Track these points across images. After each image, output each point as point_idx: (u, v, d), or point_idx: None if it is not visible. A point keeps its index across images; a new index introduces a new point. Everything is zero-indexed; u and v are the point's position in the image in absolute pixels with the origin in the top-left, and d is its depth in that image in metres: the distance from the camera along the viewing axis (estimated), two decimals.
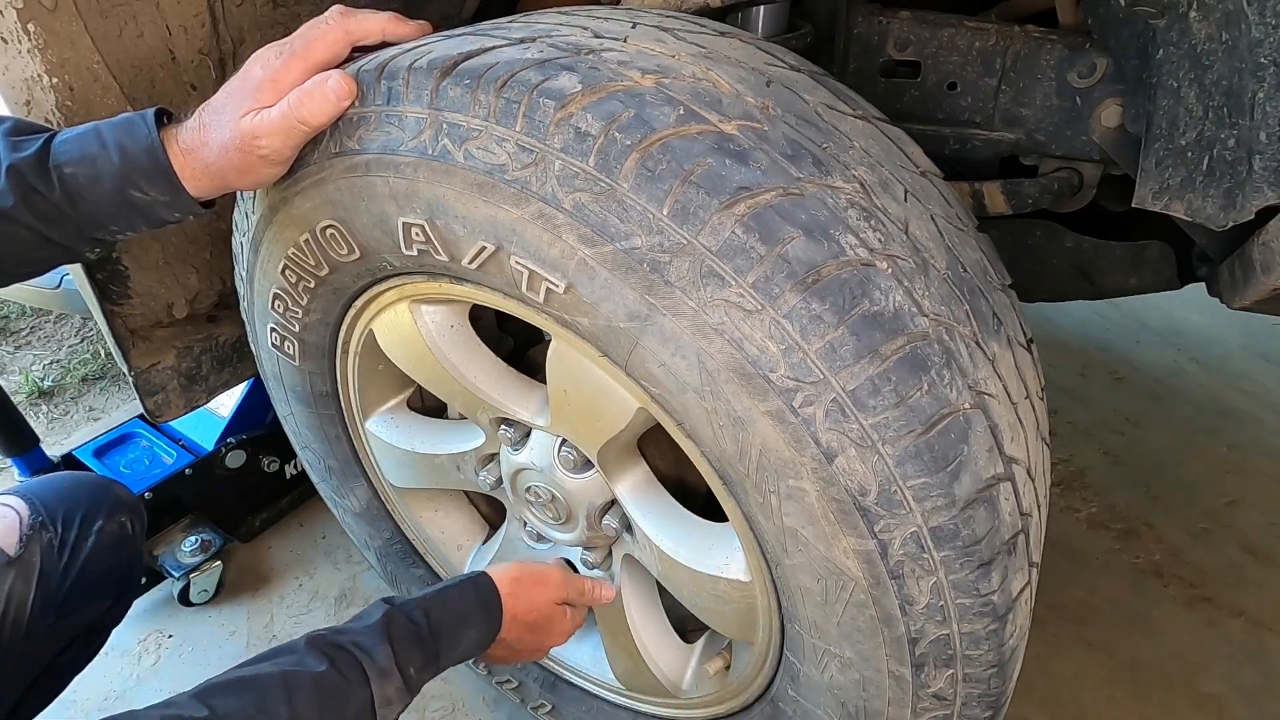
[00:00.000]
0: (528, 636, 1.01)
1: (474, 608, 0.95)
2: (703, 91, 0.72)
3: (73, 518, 1.06)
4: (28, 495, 1.05)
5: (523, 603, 1.00)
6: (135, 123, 0.78)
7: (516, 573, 1.01)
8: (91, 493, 1.10)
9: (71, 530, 1.05)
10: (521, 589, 1.00)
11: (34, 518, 1.02)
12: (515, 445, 1.06)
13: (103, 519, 1.09)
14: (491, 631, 0.97)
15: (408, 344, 1.01)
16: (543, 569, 1.04)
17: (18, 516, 1.01)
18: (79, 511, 1.07)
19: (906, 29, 1.08)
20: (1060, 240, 1.24)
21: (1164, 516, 1.88)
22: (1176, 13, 0.82)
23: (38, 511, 1.03)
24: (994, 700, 0.82)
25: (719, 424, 0.73)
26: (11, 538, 0.99)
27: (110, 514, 1.10)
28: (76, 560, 1.04)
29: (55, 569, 1.02)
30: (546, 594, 1.02)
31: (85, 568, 1.05)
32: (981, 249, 0.82)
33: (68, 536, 1.05)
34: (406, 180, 0.78)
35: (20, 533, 1.00)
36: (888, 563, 0.72)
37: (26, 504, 1.03)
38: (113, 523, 1.10)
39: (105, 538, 1.08)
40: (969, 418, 0.70)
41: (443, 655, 0.91)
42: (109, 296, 1.11)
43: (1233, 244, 0.92)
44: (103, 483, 1.15)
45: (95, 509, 1.09)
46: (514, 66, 0.71)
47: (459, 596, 0.95)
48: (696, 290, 0.68)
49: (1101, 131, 1.03)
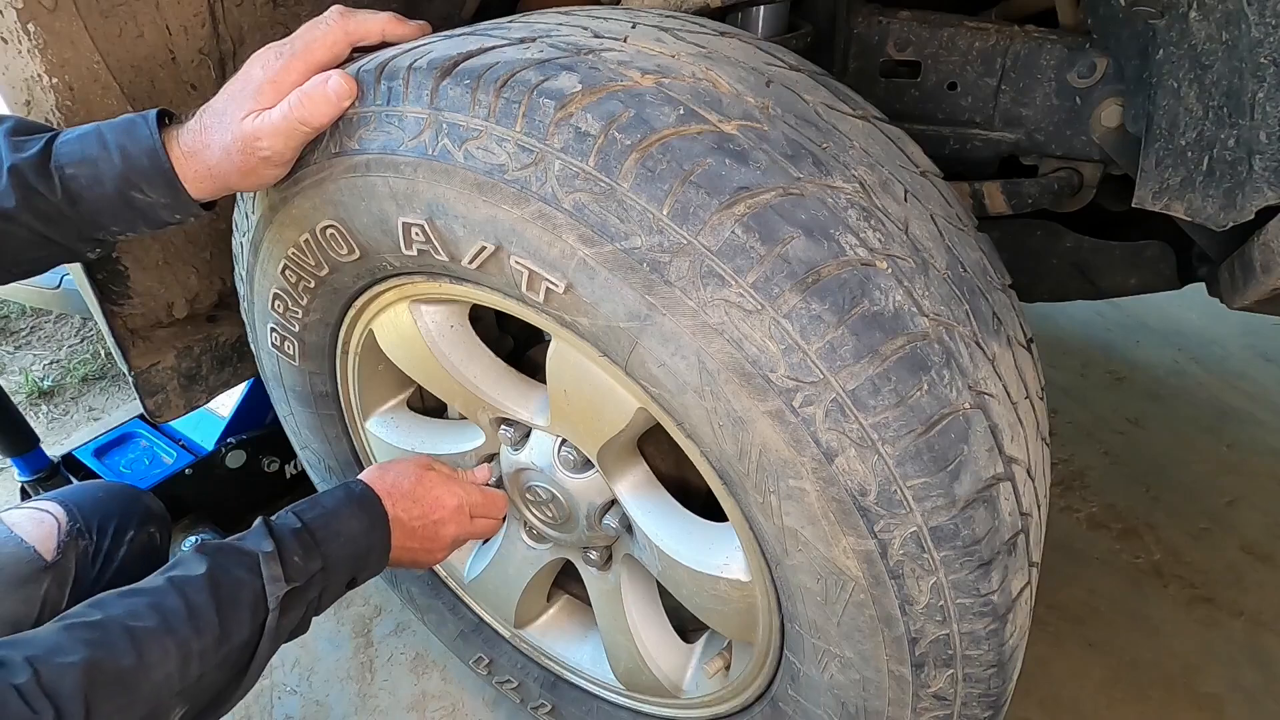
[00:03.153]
0: (415, 537, 0.99)
1: (345, 504, 0.95)
2: (703, 91, 0.72)
3: (107, 527, 1.07)
4: (65, 502, 1.05)
5: (414, 505, 0.98)
6: (137, 124, 0.78)
7: (395, 471, 1.00)
8: (124, 502, 1.11)
9: (106, 539, 1.06)
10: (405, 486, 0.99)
11: (71, 525, 1.03)
12: (515, 445, 1.06)
13: (134, 529, 1.09)
14: (375, 525, 0.95)
15: (408, 344, 1.01)
16: (432, 474, 1.02)
17: (56, 522, 1.02)
18: (113, 521, 1.08)
19: (906, 29, 1.08)
20: (1060, 240, 1.24)
21: (1164, 516, 1.88)
22: (1176, 13, 0.82)
23: (75, 519, 1.04)
24: (994, 700, 0.82)
25: (719, 424, 0.73)
26: (50, 543, 1.00)
27: (141, 524, 1.11)
28: (109, 569, 1.05)
29: (89, 576, 1.03)
30: (434, 494, 1.00)
31: (116, 577, 1.05)
32: (981, 249, 0.82)
33: (102, 545, 1.05)
34: (406, 180, 0.78)
35: (58, 539, 1.01)
36: (888, 563, 0.72)
37: (64, 510, 1.04)
38: (143, 533, 1.11)
39: (136, 547, 1.09)
40: (969, 418, 0.70)
41: (322, 544, 0.90)
42: (109, 296, 1.11)
43: (1233, 244, 0.92)
44: (134, 493, 1.16)
45: (128, 519, 1.09)
46: (514, 66, 0.71)
47: (327, 496, 0.95)
48: (696, 290, 0.68)
49: (1101, 131, 1.03)
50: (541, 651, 1.32)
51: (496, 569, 1.25)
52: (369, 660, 1.59)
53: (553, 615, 1.35)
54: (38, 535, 0.99)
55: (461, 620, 1.40)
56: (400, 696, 1.52)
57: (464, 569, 1.32)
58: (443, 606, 1.41)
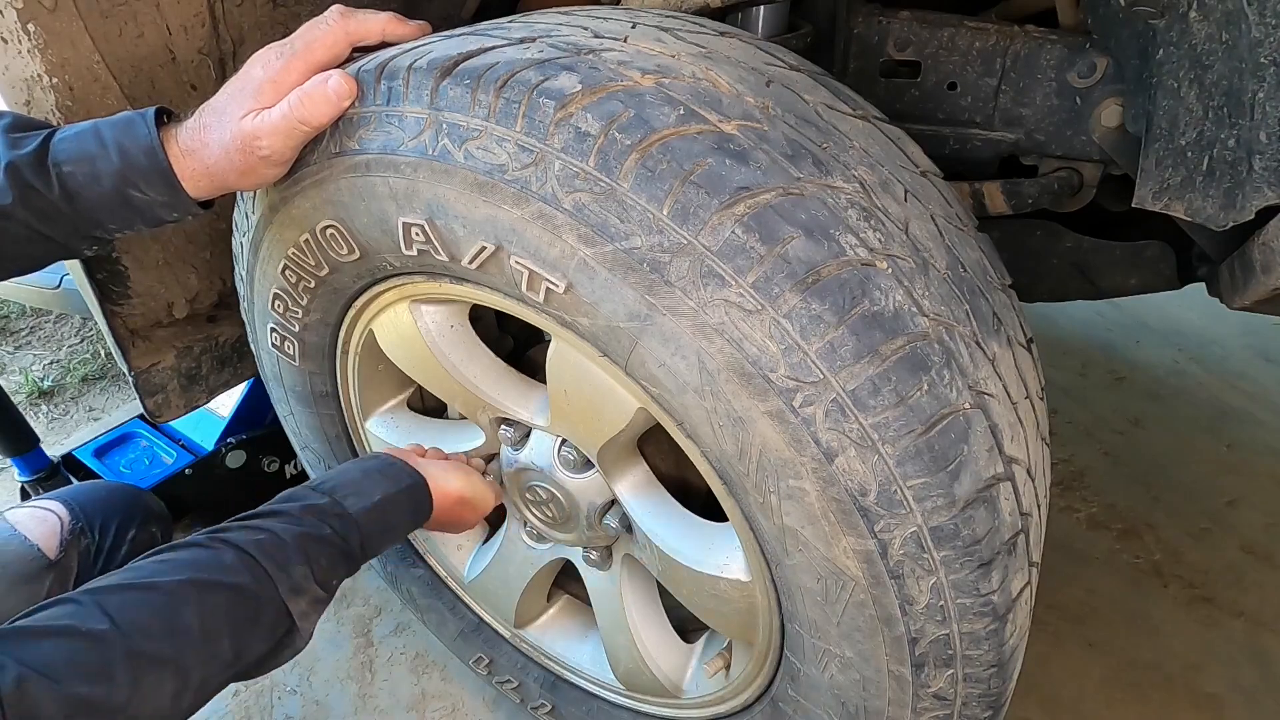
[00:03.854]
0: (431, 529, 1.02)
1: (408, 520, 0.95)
2: (703, 91, 0.72)
3: (109, 526, 1.07)
4: (68, 501, 1.06)
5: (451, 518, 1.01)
6: (135, 122, 0.78)
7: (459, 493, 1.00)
8: (126, 502, 1.12)
9: (107, 538, 1.07)
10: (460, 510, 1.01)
11: (74, 523, 1.03)
12: (515, 445, 1.06)
13: (135, 528, 1.10)
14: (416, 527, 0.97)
15: (408, 344, 1.01)
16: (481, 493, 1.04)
17: (59, 521, 1.02)
18: (115, 520, 1.08)
19: (906, 29, 1.08)
20: (1060, 240, 1.24)
21: (1164, 516, 1.88)
22: (1176, 13, 0.82)
23: (77, 517, 1.04)
24: (994, 700, 0.82)
25: (719, 424, 0.73)
26: (52, 541, 1.00)
27: (143, 524, 1.11)
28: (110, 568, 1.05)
29: (90, 575, 1.03)
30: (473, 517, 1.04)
31: None
32: (981, 249, 0.82)
33: (103, 544, 1.06)
34: (406, 180, 0.78)
35: (61, 537, 1.01)
36: (888, 562, 0.72)
37: (67, 509, 1.04)
38: (145, 532, 1.11)
39: (138, 547, 1.09)
40: (969, 418, 0.70)
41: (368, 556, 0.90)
42: (109, 296, 1.11)
43: (1233, 244, 0.92)
44: (136, 492, 1.17)
45: (129, 518, 1.10)
46: (514, 66, 0.71)
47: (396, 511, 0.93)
48: (696, 290, 0.68)
49: (1101, 131, 1.03)
50: (541, 651, 1.32)
51: (496, 569, 1.25)
52: (369, 660, 1.59)
53: (553, 615, 1.35)
54: (41, 533, 1.00)
55: (461, 620, 1.40)
56: (400, 696, 1.52)
57: (464, 569, 1.32)
58: (443, 606, 1.41)
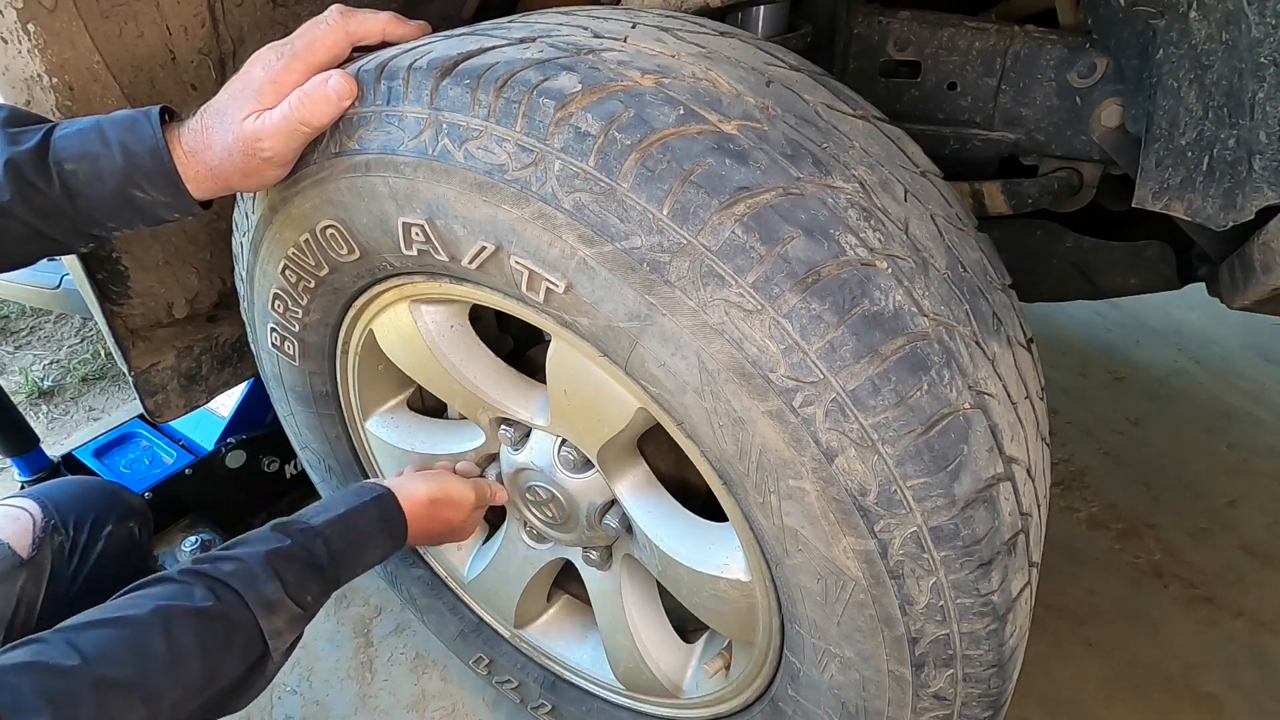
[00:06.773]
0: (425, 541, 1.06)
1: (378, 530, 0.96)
2: (703, 91, 0.72)
3: (84, 522, 1.07)
4: (40, 498, 1.05)
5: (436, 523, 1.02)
6: (139, 121, 0.77)
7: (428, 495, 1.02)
8: (101, 497, 1.11)
9: (82, 534, 1.06)
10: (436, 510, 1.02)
11: (47, 520, 1.03)
12: (515, 445, 1.06)
13: (112, 524, 1.09)
14: (395, 548, 0.99)
15: (408, 344, 1.01)
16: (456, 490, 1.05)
17: (31, 519, 1.02)
18: (90, 516, 1.08)
19: (906, 29, 1.08)
20: (1060, 240, 1.24)
21: (1164, 516, 1.88)
22: (1176, 13, 0.82)
23: (50, 514, 1.04)
24: (994, 700, 0.82)
25: (719, 424, 0.73)
26: (25, 539, 1.00)
27: (120, 519, 1.11)
28: (86, 564, 1.05)
29: (65, 572, 1.03)
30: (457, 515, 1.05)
31: (94, 571, 1.05)
32: (981, 249, 0.82)
33: (79, 540, 1.05)
34: (406, 180, 0.78)
35: (33, 535, 1.01)
36: (888, 562, 0.72)
37: (39, 506, 1.04)
38: (122, 528, 1.11)
39: (114, 542, 1.09)
40: (969, 418, 0.70)
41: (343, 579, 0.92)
42: (109, 296, 1.11)
43: (1233, 244, 0.92)
44: (112, 487, 1.16)
45: (105, 514, 1.09)
46: (514, 66, 0.71)
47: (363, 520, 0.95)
48: (696, 290, 0.68)
49: (1101, 131, 1.03)
50: (541, 651, 1.33)
51: (496, 569, 1.25)
52: (369, 660, 1.59)
53: (553, 615, 1.35)
54: (12, 532, 0.99)
55: (461, 620, 1.40)
56: (400, 696, 1.52)
57: (464, 569, 1.32)
58: (443, 606, 1.41)
